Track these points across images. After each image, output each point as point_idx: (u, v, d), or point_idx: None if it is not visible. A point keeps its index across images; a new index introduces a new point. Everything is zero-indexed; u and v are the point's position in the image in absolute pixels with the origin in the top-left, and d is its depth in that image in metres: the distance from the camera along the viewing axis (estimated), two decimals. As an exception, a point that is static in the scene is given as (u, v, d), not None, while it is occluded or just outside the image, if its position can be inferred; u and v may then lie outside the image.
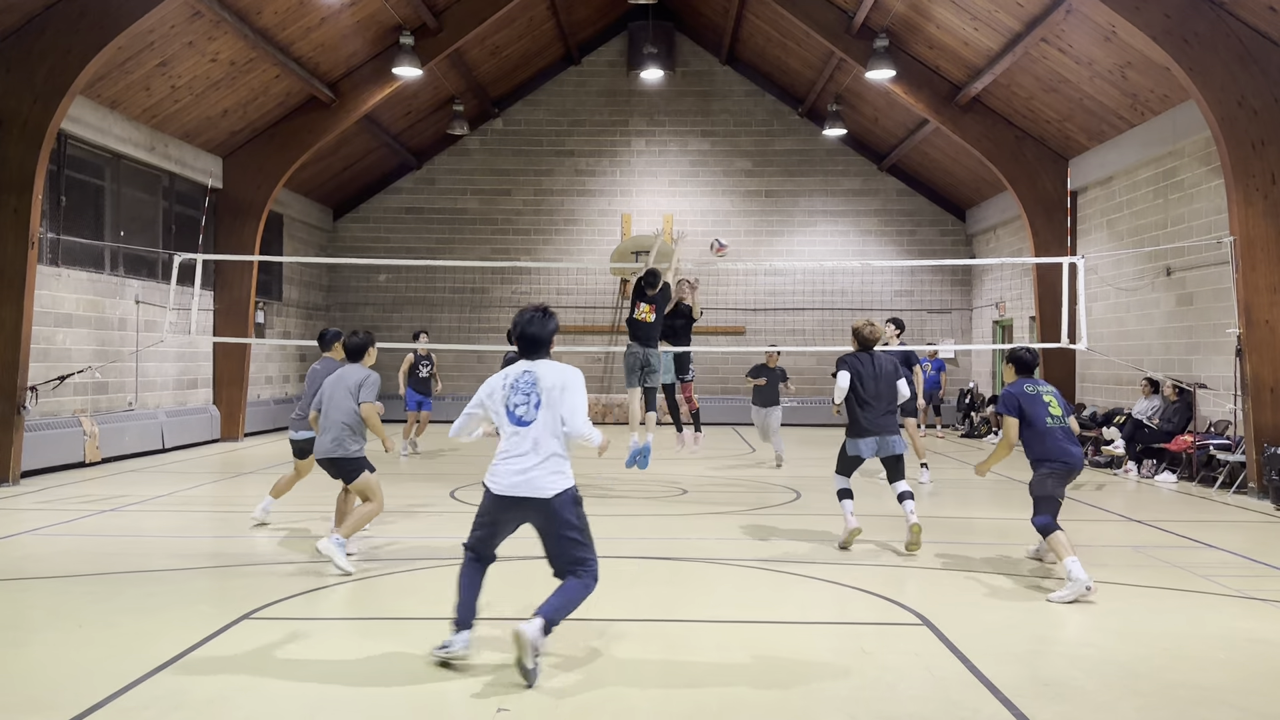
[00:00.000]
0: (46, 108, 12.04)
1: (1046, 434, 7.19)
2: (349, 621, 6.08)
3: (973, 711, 4.55)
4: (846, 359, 8.36)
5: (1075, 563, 6.64)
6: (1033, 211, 17.79)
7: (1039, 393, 7.34)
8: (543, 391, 5.16)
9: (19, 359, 11.96)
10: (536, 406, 5.15)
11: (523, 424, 5.15)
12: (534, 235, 24.08)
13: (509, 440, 5.16)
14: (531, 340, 5.26)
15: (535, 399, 5.16)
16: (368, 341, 7.83)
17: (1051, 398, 7.35)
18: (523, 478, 5.07)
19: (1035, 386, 7.40)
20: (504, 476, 5.11)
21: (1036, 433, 7.23)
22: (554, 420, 5.14)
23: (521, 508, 5.11)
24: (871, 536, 8.94)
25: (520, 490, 5.08)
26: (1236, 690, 4.88)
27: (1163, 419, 13.81)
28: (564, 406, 5.14)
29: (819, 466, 14.14)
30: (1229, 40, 11.53)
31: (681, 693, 4.79)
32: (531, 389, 5.18)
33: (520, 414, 5.16)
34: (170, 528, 9.36)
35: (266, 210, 18.26)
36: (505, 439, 5.19)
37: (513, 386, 5.22)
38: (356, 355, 7.78)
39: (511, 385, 5.23)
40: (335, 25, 16.28)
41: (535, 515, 5.12)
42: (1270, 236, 11.51)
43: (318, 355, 9.56)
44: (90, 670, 5.03)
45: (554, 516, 5.08)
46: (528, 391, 5.18)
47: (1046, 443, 7.18)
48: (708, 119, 24.07)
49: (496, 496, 5.14)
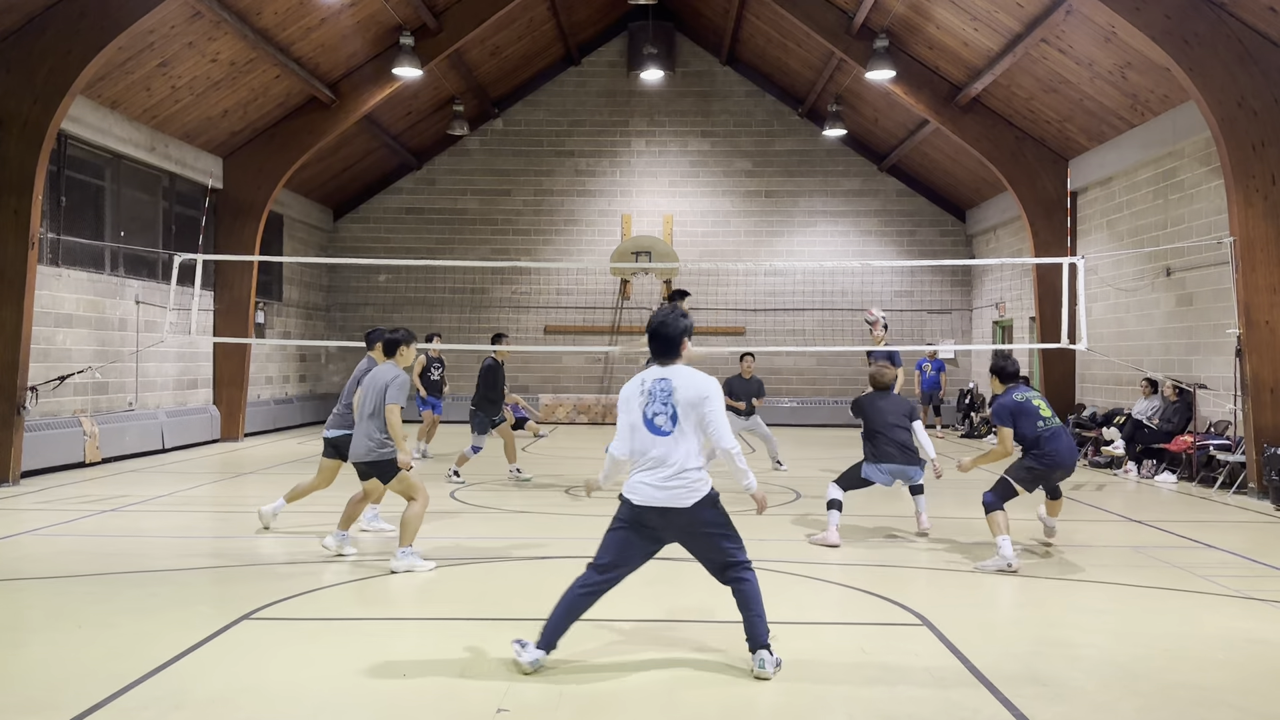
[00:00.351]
0: (47, 108, 12.05)
1: (1039, 439, 7.82)
2: (349, 622, 6.08)
3: (972, 712, 4.55)
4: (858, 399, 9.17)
5: (1006, 541, 7.52)
6: (1033, 212, 17.79)
7: (1028, 399, 7.92)
8: (678, 404, 5.05)
9: (19, 359, 11.96)
10: (673, 419, 5.05)
11: (661, 434, 5.07)
12: (534, 235, 24.09)
13: (647, 450, 5.08)
14: (663, 341, 5.14)
15: (672, 410, 5.05)
16: (400, 339, 7.67)
17: (1040, 402, 7.94)
18: (663, 491, 5.02)
19: (1024, 394, 7.97)
20: (643, 489, 5.05)
21: (1030, 438, 7.86)
22: (692, 430, 5.06)
23: (663, 518, 5.06)
24: (872, 536, 8.95)
25: (659, 502, 5.03)
26: (1236, 690, 4.88)
27: (1162, 419, 13.81)
28: (708, 424, 5.06)
29: (818, 466, 14.15)
30: (1229, 41, 11.54)
31: (682, 693, 4.79)
32: (668, 399, 5.07)
33: (659, 424, 5.08)
34: (170, 528, 9.36)
35: (266, 210, 18.26)
36: (643, 448, 5.10)
37: (649, 394, 5.12)
38: (390, 351, 7.66)
39: (648, 393, 5.13)
40: (335, 26, 16.28)
41: (676, 526, 5.09)
42: (1270, 237, 11.51)
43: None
44: (90, 671, 5.03)
45: (695, 520, 5.05)
46: (664, 401, 5.07)
47: (1041, 446, 7.82)
48: (708, 119, 24.07)
49: (637, 508, 5.09)
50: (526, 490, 11.93)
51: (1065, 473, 8.05)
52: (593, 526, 9.44)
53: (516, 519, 9.93)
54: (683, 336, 5.14)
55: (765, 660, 5.01)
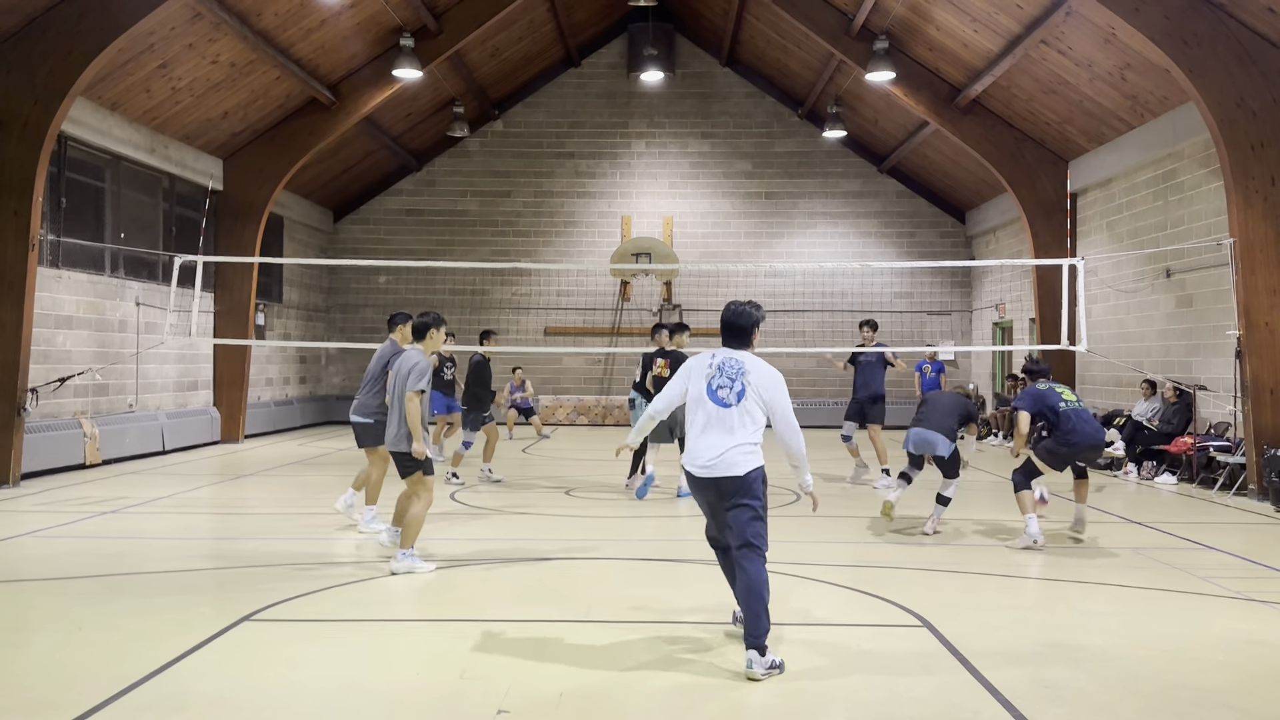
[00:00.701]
0: (47, 109, 12.05)
1: (1062, 417, 8.46)
2: (349, 623, 6.09)
3: (973, 713, 4.55)
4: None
5: (1033, 519, 8.41)
6: (1032, 213, 17.80)
7: (1050, 387, 8.75)
8: (750, 384, 5.33)
9: (19, 361, 11.97)
10: (739, 395, 5.31)
11: (723, 405, 5.31)
12: (534, 237, 24.09)
13: (705, 420, 5.33)
14: (736, 328, 5.51)
15: (740, 387, 5.33)
16: (429, 321, 7.53)
17: (1063, 389, 8.73)
18: (719, 459, 5.24)
19: (1047, 384, 8.81)
20: (700, 458, 5.29)
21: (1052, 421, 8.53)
22: (755, 410, 5.31)
23: (719, 486, 5.27)
24: (871, 535, 8.96)
25: (716, 471, 5.26)
26: (1236, 692, 4.88)
27: (1162, 421, 13.82)
28: (779, 415, 5.34)
29: (817, 469, 14.13)
30: (1228, 42, 11.54)
31: (682, 693, 4.80)
32: (738, 376, 5.35)
33: (722, 396, 5.33)
34: (171, 529, 9.37)
35: (267, 212, 18.27)
36: (700, 417, 5.35)
37: (719, 369, 5.40)
38: (419, 334, 7.55)
39: (717, 368, 5.41)
40: (335, 27, 16.29)
41: (725, 491, 5.27)
42: (1270, 238, 11.52)
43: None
44: (91, 672, 5.04)
45: (743, 488, 5.24)
46: (733, 377, 5.36)
47: (1061, 425, 8.46)
48: (708, 121, 24.08)
49: (697, 480, 5.34)
50: (526, 491, 11.93)
51: (1090, 452, 8.62)
52: (593, 527, 9.47)
53: (516, 520, 9.94)
54: (754, 326, 5.56)
55: (753, 660, 5.02)
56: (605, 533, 9.15)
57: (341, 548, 8.44)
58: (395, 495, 7.83)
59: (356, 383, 24.05)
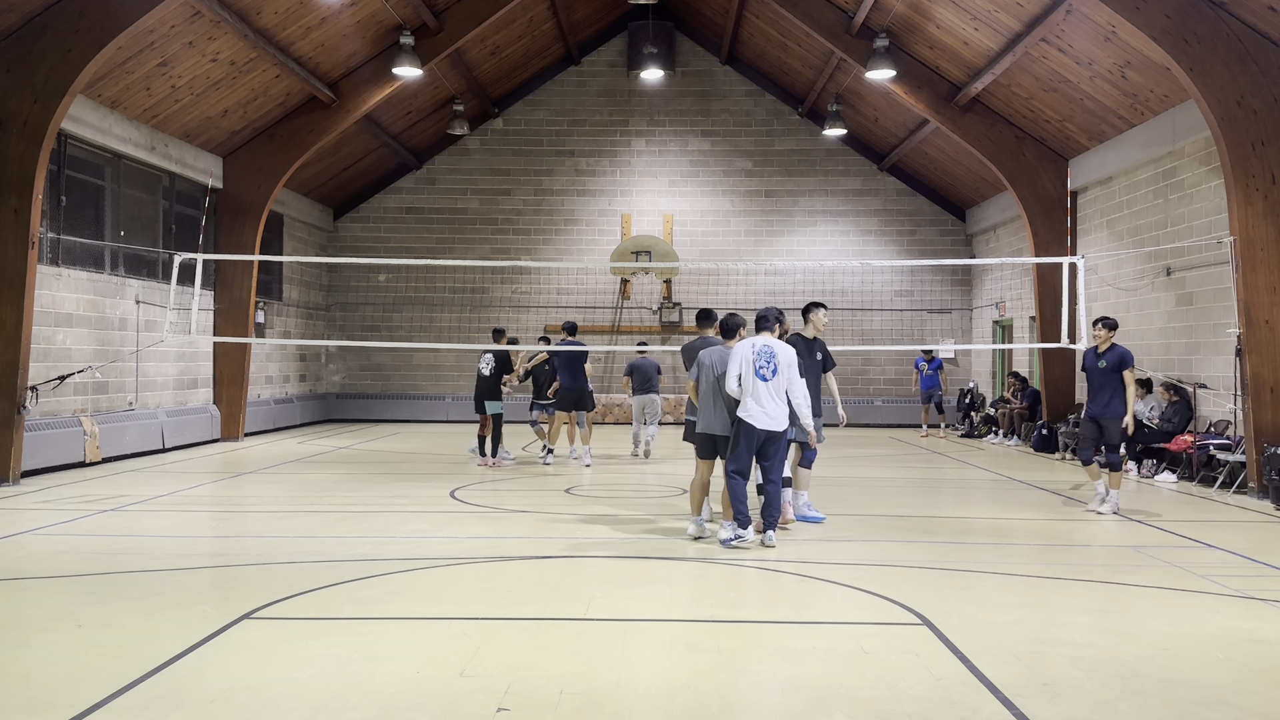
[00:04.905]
0: (47, 107, 12.05)
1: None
2: (349, 621, 6.09)
3: (973, 711, 4.55)
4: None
5: (1101, 484, 10.19)
6: (1032, 211, 17.79)
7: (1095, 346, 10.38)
8: (780, 364, 8.02)
9: (19, 359, 11.96)
10: (774, 371, 7.99)
11: (765, 380, 7.96)
12: (534, 235, 24.09)
13: (757, 392, 7.95)
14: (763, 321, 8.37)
15: (774, 366, 8.00)
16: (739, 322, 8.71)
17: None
18: (771, 418, 8.00)
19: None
20: (759, 417, 7.96)
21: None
22: (783, 382, 8.03)
23: (768, 437, 8.03)
24: (872, 536, 8.95)
25: (770, 425, 7.99)
26: (1236, 690, 4.88)
27: (1163, 419, 13.82)
28: (792, 380, 8.10)
29: (817, 468, 14.12)
30: (1229, 40, 11.54)
31: (681, 694, 4.79)
32: (772, 358, 8.02)
33: (764, 374, 7.98)
34: (170, 528, 9.37)
35: (267, 210, 18.26)
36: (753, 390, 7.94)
37: (759, 354, 8.01)
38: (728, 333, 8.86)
39: (758, 353, 8.02)
40: (335, 25, 16.28)
41: (770, 440, 8.04)
42: (1270, 236, 11.51)
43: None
44: (90, 670, 5.04)
45: (780, 441, 8.15)
46: (768, 359, 8.01)
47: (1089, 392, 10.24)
48: (708, 119, 24.07)
49: (756, 430, 7.98)
50: (526, 490, 11.93)
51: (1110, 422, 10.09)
52: (592, 527, 9.47)
53: (516, 519, 9.94)
54: (776, 322, 8.41)
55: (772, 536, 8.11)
56: (602, 532, 9.15)
57: (341, 546, 8.44)
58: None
59: (356, 381, 24.16)
